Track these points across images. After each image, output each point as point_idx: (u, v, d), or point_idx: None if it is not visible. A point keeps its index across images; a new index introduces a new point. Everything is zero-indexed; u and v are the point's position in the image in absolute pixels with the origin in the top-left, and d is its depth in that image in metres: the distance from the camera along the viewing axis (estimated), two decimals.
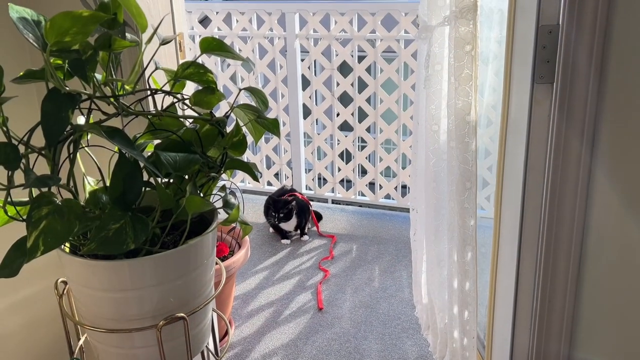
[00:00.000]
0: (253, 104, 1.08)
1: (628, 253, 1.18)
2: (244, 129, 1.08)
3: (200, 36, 3.46)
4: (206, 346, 1.10)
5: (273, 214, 2.87)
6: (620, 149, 1.13)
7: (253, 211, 3.40)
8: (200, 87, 1.05)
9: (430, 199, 1.70)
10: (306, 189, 3.53)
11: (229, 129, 1.07)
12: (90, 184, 1.04)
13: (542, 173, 1.21)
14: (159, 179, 0.99)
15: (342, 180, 3.51)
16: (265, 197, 3.83)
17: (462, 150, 1.41)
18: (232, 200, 1.07)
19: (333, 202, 3.67)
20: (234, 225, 2.24)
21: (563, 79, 1.12)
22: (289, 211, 2.85)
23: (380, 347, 2.12)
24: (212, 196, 1.10)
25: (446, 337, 1.75)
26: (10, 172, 0.86)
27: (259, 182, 3.61)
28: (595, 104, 1.12)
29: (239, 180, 3.72)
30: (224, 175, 1.09)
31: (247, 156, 3.70)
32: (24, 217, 0.90)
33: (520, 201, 1.27)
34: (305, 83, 3.35)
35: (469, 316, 1.50)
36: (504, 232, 1.40)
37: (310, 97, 3.36)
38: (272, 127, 1.09)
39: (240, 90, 1.09)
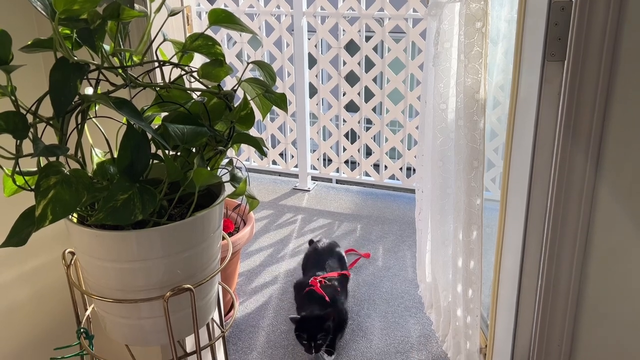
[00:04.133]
0: (260, 78, 1.08)
1: (636, 232, 1.18)
2: (252, 104, 1.08)
3: (206, 12, 3.43)
4: (212, 318, 1.11)
5: (306, 342, 1.90)
6: (632, 127, 1.12)
7: (257, 190, 3.41)
8: (208, 60, 1.04)
9: (437, 178, 1.69)
10: (311, 169, 3.53)
11: (236, 104, 1.07)
12: (98, 155, 1.04)
13: (551, 151, 1.20)
14: (167, 151, 0.99)
15: (346, 161, 3.50)
16: (270, 176, 3.84)
17: (471, 129, 1.40)
18: (239, 174, 1.07)
19: (338, 182, 3.67)
20: (239, 202, 2.24)
21: (575, 56, 1.11)
22: (326, 333, 1.91)
23: (383, 325, 2.13)
24: (219, 170, 1.10)
25: (449, 316, 1.76)
26: (18, 141, 0.86)
27: (265, 156, 3.60)
28: (607, 82, 1.10)
29: (244, 159, 3.72)
30: (230, 153, 1.09)
31: (253, 134, 3.69)
32: (32, 186, 0.90)
33: (528, 180, 1.27)
34: (312, 62, 3.33)
35: (472, 294, 1.50)
36: (510, 211, 1.40)
37: (316, 76, 3.34)
38: (280, 101, 1.08)
39: (248, 63, 1.08)
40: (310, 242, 2.55)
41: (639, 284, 1.21)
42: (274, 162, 3.68)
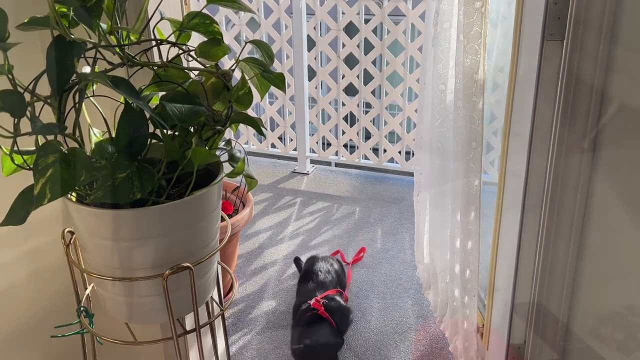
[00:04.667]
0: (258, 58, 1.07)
1: (632, 210, 1.18)
2: (250, 84, 1.08)
3: None
4: (211, 297, 1.12)
5: None
6: (631, 107, 1.12)
7: (256, 173, 3.41)
8: (205, 39, 1.03)
9: (435, 160, 1.69)
10: (310, 152, 3.53)
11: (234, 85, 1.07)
12: (96, 135, 1.04)
13: (549, 131, 1.20)
14: (165, 131, 0.99)
15: (345, 144, 3.50)
16: (269, 159, 3.84)
17: (469, 110, 1.40)
18: (237, 154, 1.07)
19: (336, 165, 3.67)
20: (238, 184, 2.24)
21: (574, 36, 1.10)
22: None
23: (382, 306, 2.15)
24: (217, 151, 1.10)
25: (447, 296, 1.78)
26: (16, 120, 0.86)
27: (264, 136, 3.60)
28: (606, 62, 1.10)
29: (243, 142, 3.72)
30: (228, 136, 1.09)
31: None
32: (31, 165, 0.90)
33: (526, 160, 1.27)
34: (311, 44, 3.31)
35: (470, 275, 1.51)
36: (507, 193, 1.40)
37: (315, 59, 3.33)
38: (278, 81, 1.08)
39: (246, 43, 1.07)
40: (296, 260, 2.38)
41: (634, 261, 1.22)
42: (273, 146, 3.68)
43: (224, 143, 1.11)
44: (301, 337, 1.75)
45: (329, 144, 3.53)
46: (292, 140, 3.58)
